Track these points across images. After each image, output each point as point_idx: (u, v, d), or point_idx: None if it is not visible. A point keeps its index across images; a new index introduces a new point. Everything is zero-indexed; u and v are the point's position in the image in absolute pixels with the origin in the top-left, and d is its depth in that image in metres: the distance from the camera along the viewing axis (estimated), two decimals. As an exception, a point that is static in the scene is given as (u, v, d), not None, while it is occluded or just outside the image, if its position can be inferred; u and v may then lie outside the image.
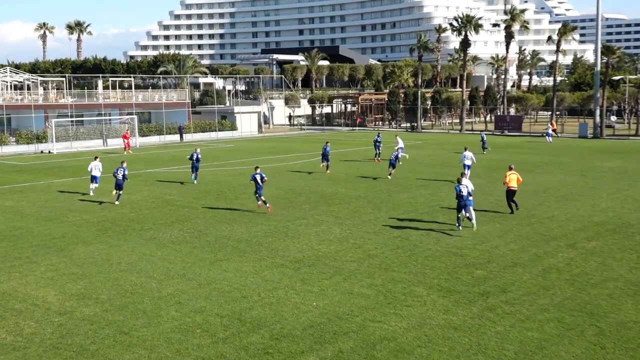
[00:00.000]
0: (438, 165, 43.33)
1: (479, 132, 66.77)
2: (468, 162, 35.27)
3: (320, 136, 71.08)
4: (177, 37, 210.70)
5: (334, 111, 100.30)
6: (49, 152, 59.17)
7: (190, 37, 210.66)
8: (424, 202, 29.33)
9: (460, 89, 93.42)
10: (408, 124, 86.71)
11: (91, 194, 32.56)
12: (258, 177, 27.12)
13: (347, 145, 59.99)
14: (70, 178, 39.93)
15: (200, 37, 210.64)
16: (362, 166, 43.53)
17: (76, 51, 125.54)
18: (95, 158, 33.71)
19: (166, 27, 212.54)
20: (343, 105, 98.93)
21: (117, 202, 30.10)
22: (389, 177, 36.83)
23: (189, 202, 30.52)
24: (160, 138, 71.37)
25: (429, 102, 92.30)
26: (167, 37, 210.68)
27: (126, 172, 30.93)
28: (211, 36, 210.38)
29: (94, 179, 32.61)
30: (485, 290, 16.84)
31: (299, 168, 42.65)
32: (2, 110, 63.49)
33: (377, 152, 47.41)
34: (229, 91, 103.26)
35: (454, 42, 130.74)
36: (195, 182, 36.12)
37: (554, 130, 66.51)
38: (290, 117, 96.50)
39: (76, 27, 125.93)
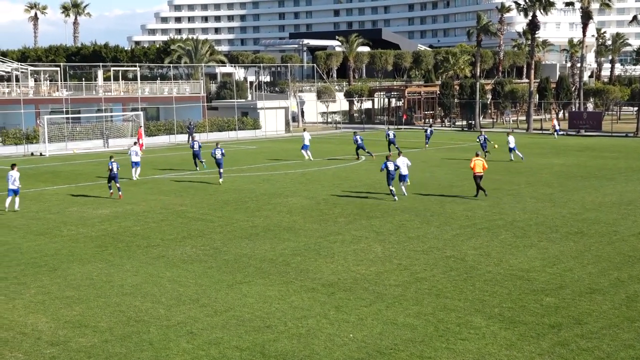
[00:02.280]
0: (500, 172, 43.05)
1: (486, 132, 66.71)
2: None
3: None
4: (190, 19, 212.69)
5: (376, 106, 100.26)
6: (41, 154, 59.98)
7: (205, 19, 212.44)
8: (483, 215, 29.16)
9: (527, 80, 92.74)
10: (463, 122, 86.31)
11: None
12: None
13: (394, 148, 59.75)
14: (65, 185, 40.46)
15: (217, 19, 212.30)
16: (408, 171, 43.32)
17: (72, 36, 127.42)
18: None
19: (177, 8, 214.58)
20: (386, 100, 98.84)
21: (221, 180, 39.17)
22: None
23: (203, 213, 30.73)
24: (171, 138, 71.97)
25: (488, 96, 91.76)
26: (178, 20, 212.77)
27: (224, 150, 40.35)
28: (230, 18, 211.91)
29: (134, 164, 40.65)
30: (556, 322, 16.68)
31: (334, 174, 42.70)
32: (-13, 105, 64.52)
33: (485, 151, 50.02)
34: (251, 83, 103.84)
35: (520, 23, 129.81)
36: (220, 180, 39.76)
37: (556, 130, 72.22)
38: (323, 113, 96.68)
39: (72, 8, 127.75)
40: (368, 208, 31.28)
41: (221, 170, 40.10)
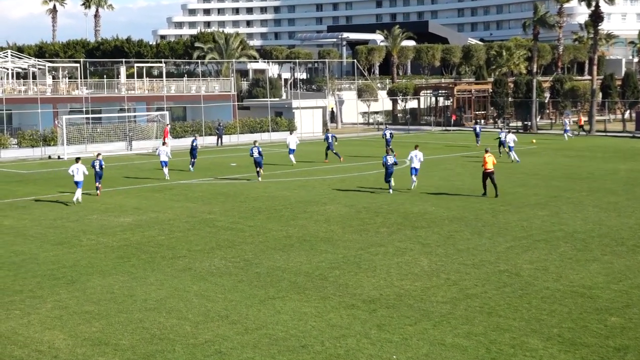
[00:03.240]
0: (559, 178, 42.71)
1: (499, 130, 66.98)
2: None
3: (404, 139, 70.95)
4: (220, 11, 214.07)
5: (422, 106, 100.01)
6: (59, 157, 60.62)
7: (236, 11, 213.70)
8: (540, 226, 28.92)
9: (589, 77, 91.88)
10: (519, 123, 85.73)
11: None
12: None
13: (438, 151, 59.69)
14: (85, 191, 40.82)
15: (249, 10, 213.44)
16: (458, 178, 43.25)
17: (93, 30, 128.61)
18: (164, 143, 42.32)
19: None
20: (433, 99, 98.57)
21: (260, 179, 42.65)
22: None
23: (233, 222, 30.84)
24: (198, 140, 72.21)
25: (546, 95, 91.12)
26: (207, 12, 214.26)
27: (261, 149, 43.31)
28: (263, 9, 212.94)
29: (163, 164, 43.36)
30: (622, 344, 16.48)
31: (376, 180, 42.61)
32: (2, 104, 65.39)
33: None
34: (286, 80, 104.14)
35: (582, 14, 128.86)
36: (259, 179, 42.99)
37: (580, 127, 77.00)
38: (364, 113, 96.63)
39: (93, 0, 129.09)
40: (413, 217, 31.17)
41: (260, 170, 43.34)
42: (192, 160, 49.80)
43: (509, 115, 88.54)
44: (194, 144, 50.15)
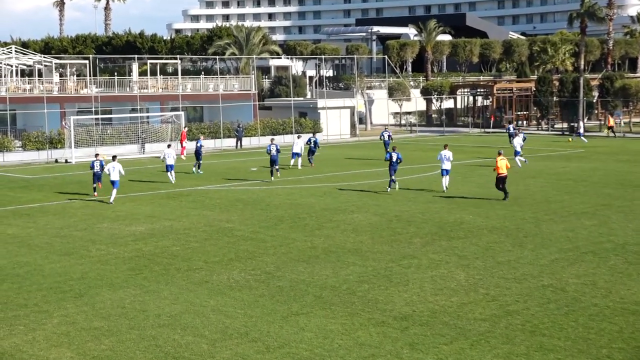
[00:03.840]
0: (610, 185, 42.48)
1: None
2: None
3: (440, 141, 70.85)
4: (239, 3, 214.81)
5: (458, 106, 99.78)
6: (66, 161, 61.05)
7: (258, 2, 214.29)
8: (587, 237, 28.78)
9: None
10: (564, 124, 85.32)
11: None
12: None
13: (476, 155, 59.54)
14: (95, 197, 41.08)
15: (271, 2, 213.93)
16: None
17: (103, 24, 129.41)
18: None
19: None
20: (471, 98, 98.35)
21: (278, 174, 46.10)
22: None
23: (253, 232, 30.93)
24: (216, 143, 72.65)
25: (595, 93, 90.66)
26: (226, 4, 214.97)
27: (279, 147, 46.51)
28: (287, 1, 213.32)
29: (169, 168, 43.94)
30: (678, 367, 16.36)
31: (408, 186, 42.58)
32: (5, 103, 65.94)
33: None
34: (311, 78, 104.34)
35: (634, 6, 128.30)
36: (272, 178, 45.63)
37: (609, 128, 77.41)
38: (396, 114, 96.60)
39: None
40: (449, 227, 31.12)
41: (277, 167, 46.63)
42: (197, 162, 51.53)
43: (553, 115, 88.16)
44: (199, 145, 52.41)
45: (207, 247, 28.20)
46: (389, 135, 60.63)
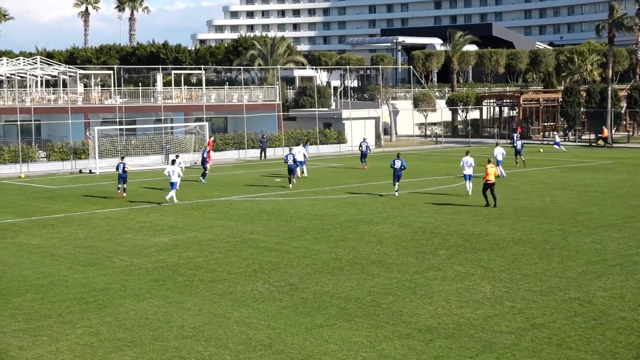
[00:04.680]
0: (638, 196, 42.24)
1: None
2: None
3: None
4: (264, 13, 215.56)
5: (484, 117, 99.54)
6: (90, 171, 61.37)
7: (282, 13, 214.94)
8: (616, 250, 28.62)
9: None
10: (592, 135, 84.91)
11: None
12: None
13: (502, 166, 59.29)
14: (118, 208, 41.30)
15: (296, 13, 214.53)
16: (524, 196, 42.98)
17: (128, 34, 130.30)
18: (173, 162, 43.84)
19: (250, 0, 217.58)
20: (497, 109, 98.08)
21: (290, 186, 47.85)
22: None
23: (278, 243, 30.96)
24: (240, 153, 72.86)
25: (623, 104, 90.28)
26: (250, 14, 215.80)
27: (296, 156, 49.43)
28: (311, 12, 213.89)
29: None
30: None
31: (433, 197, 42.52)
32: (30, 114, 66.41)
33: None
34: (335, 88, 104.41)
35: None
36: (290, 185, 48.18)
37: (604, 138, 79.44)
38: (421, 124, 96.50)
39: (128, 2, 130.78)
40: (474, 239, 31.03)
41: (293, 177, 49.11)
42: (204, 171, 52.63)
43: (581, 126, 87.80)
44: (205, 155, 53.67)
45: (230, 258, 28.26)
46: (367, 147, 61.45)
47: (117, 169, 45.24)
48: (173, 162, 44.56)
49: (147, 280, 25.23)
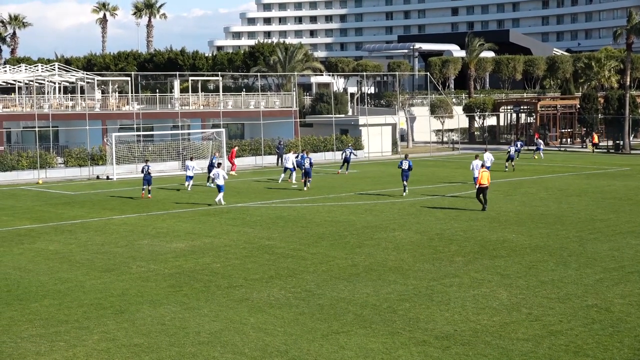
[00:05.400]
0: (655, 203, 42.11)
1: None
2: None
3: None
4: (281, 20, 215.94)
5: (501, 123, 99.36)
6: (107, 177, 61.58)
7: (299, 19, 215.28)
8: (633, 257, 28.50)
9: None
10: (610, 142, 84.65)
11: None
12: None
13: (519, 173, 59.23)
14: (135, 214, 41.43)
15: (313, 19, 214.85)
16: (541, 202, 42.87)
17: (145, 41, 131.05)
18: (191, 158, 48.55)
19: (267, 7, 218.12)
20: (514, 115, 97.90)
21: (305, 188, 49.57)
22: None
23: (294, 249, 30.97)
24: (257, 160, 72.95)
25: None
26: (267, 21, 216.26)
27: (312, 160, 51.45)
28: (328, 18, 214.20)
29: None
30: None
31: (450, 204, 42.47)
32: (48, 120, 66.73)
33: None
34: (352, 94, 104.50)
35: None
36: (305, 188, 49.80)
37: (594, 144, 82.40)
38: (438, 131, 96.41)
39: (146, 9, 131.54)
40: (491, 245, 30.97)
41: (310, 179, 50.41)
42: (208, 175, 53.18)
43: (598, 133, 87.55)
44: (213, 161, 53.89)
45: (247, 265, 28.29)
46: (350, 152, 62.86)
47: (142, 171, 48.04)
48: (219, 165, 46.56)
49: (164, 286, 25.29)
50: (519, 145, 67.07)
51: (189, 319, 21.57)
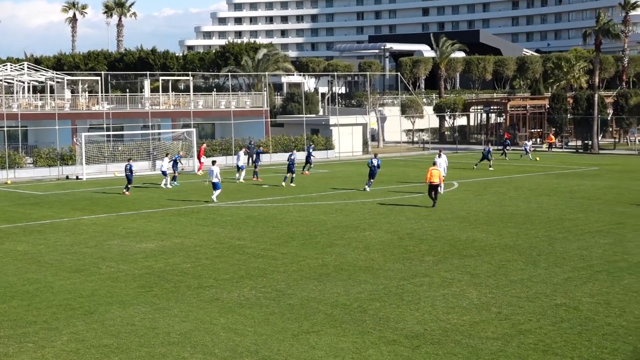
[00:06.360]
0: (624, 203, 42.36)
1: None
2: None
3: (452, 158, 70.76)
4: (252, 19, 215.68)
5: (471, 123, 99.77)
6: (77, 177, 61.26)
7: (270, 19, 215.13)
8: (602, 256, 28.68)
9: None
10: (578, 142, 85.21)
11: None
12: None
13: (488, 172, 59.48)
14: (105, 214, 41.23)
15: (284, 19, 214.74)
16: (511, 202, 43.07)
17: (116, 40, 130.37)
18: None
19: (238, 7, 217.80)
20: (484, 115, 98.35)
21: (283, 184, 51.65)
22: None
23: (265, 249, 30.94)
24: (228, 159, 72.73)
25: (609, 111, 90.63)
26: (238, 20, 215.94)
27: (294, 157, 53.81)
28: (299, 18, 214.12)
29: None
30: (692, 387, 16.25)
31: (421, 203, 42.56)
32: (17, 120, 66.23)
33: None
34: (323, 95, 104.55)
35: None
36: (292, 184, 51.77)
37: (550, 144, 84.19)
38: (408, 131, 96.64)
39: (116, 8, 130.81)
40: (461, 245, 31.07)
41: (293, 176, 52.67)
42: (175, 175, 54.85)
43: (567, 133, 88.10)
44: (176, 159, 55.72)
45: (217, 265, 28.23)
46: (293, 158, 60.54)
47: (125, 169, 49.86)
48: (213, 162, 47.19)
49: (134, 287, 25.18)
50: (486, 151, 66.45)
51: (158, 319, 21.49)
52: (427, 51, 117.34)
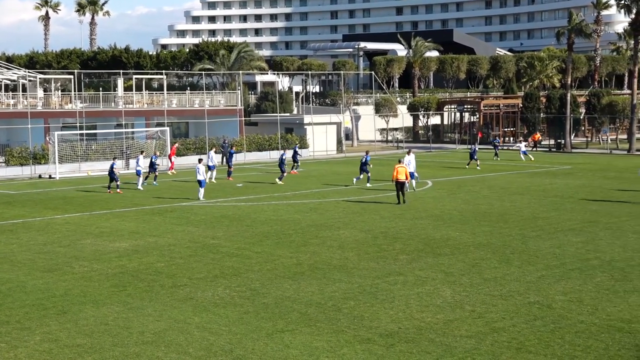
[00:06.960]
0: (596, 201, 42.62)
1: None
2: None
3: (426, 157, 70.99)
4: (226, 18, 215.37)
5: (445, 122, 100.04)
6: (50, 176, 60.91)
7: (244, 18, 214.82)
8: (574, 254, 28.85)
9: (629, 91, 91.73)
10: (551, 141, 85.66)
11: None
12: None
13: (462, 171, 59.70)
14: (78, 213, 41.04)
15: (258, 18, 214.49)
16: (484, 200, 43.24)
17: (89, 39, 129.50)
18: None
19: (211, 5, 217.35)
20: (458, 114, 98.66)
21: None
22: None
23: (239, 248, 30.90)
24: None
25: (582, 110, 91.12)
26: (212, 19, 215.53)
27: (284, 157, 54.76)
28: (273, 17, 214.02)
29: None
30: (664, 384, 16.38)
31: (395, 201, 42.63)
32: (-11, 119, 65.84)
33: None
34: (297, 93, 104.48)
35: (621, 23, 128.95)
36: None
37: (535, 142, 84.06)
38: (382, 130, 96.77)
39: (89, 6, 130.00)
40: (435, 243, 31.16)
41: (283, 175, 53.47)
42: (155, 174, 54.64)
43: (541, 132, 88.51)
44: (153, 159, 55.30)
45: (191, 264, 28.17)
46: (283, 157, 59.34)
47: (110, 168, 49.51)
48: (199, 160, 47.43)
49: (107, 286, 25.08)
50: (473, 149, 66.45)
51: (132, 318, 21.42)
52: (401, 50, 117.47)
